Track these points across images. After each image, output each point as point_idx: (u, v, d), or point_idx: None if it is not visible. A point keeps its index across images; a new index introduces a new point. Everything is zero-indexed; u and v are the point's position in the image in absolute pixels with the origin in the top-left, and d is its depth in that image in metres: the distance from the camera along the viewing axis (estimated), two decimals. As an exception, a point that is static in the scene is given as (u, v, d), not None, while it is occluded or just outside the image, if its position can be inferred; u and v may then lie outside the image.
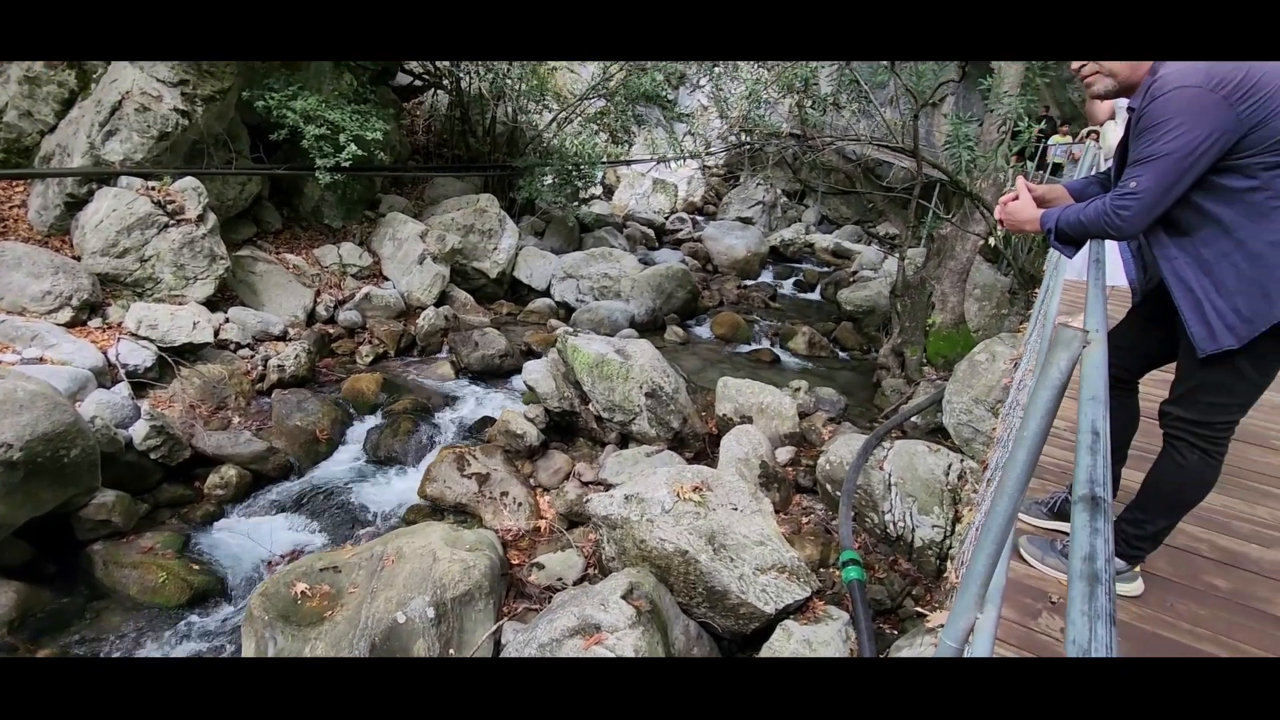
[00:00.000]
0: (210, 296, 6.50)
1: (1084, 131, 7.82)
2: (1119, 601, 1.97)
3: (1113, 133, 3.73)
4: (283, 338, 6.80)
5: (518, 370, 7.15)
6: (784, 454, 5.93)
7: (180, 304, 6.20)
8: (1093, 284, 1.66)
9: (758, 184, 14.82)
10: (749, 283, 12.09)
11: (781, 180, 15.27)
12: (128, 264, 6.11)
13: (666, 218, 15.37)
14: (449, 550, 3.80)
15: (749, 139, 8.86)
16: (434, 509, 5.09)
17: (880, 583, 4.46)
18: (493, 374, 7.39)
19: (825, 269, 13.25)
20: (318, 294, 7.71)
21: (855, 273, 12.42)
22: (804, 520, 5.22)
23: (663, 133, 10.90)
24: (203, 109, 6.74)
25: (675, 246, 13.57)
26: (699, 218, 16.00)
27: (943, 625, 1.23)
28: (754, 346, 9.17)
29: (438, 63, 10.40)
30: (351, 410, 6.21)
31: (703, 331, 9.63)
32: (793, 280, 12.60)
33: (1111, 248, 2.84)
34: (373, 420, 6.16)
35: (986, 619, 1.12)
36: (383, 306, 7.99)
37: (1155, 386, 2.19)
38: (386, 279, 8.60)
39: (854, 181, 11.26)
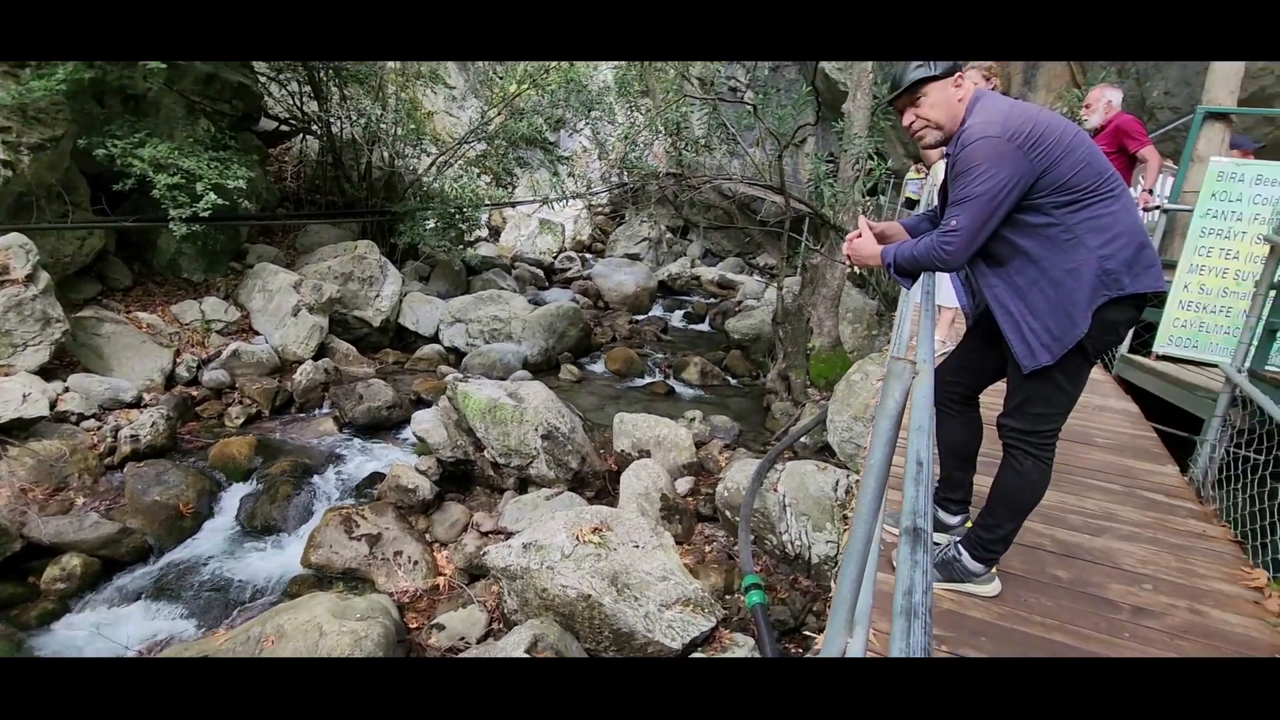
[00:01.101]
0: (45, 364, 5.81)
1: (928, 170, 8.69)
2: (981, 602, 2.16)
3: (940, 172, 4.18)
4: (136, 404, 6.18)
5: (407, 421, 6.86)
6: (684, 485, 6.03)
7: (6, 375, 5.49)
8: (923, 315, 1.84)
9: (642, 221, 15.24)
10: (640, 317, 12.32)
11: (665, 217, 15.79)
12: (-62, 334, 5.36)
13: (555, 257, 15.44)
14: (337, 622, 3.55)
15: (630, 179, 9.13)
16: (320, 578, 4.74)
17: (783, 603, 4.60)
18: (380, 427, 7.05)
19: (712, 300, 13.75)
20: (177, 354, 7.09)
21: (740, 302, 12.97)
22: (707, 549, 5.31)
23: (545, 174, 11.02)
24: (30, 158, 6.11)
25: (565, 285, 13.63)
26: (588, 256, 16.19)
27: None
28: (648, 380, 9.32)
29: (305, 107, 10.01)
30: (220, 478, 5.71)
31: (597, 368, 9.67)
32: (682, 312, 12.97)
33: (944, 277, 3.16)
34: (246, 487, 5.68)
35: (856, 641, 1.19)
36: (254, 363, 7.46)
37: (997, 398, 2.44)
38: (257, 333, 8.04)
39: (731, 217, 11.86)
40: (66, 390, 5.79)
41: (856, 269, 7.46)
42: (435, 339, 9.66)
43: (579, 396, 8.38)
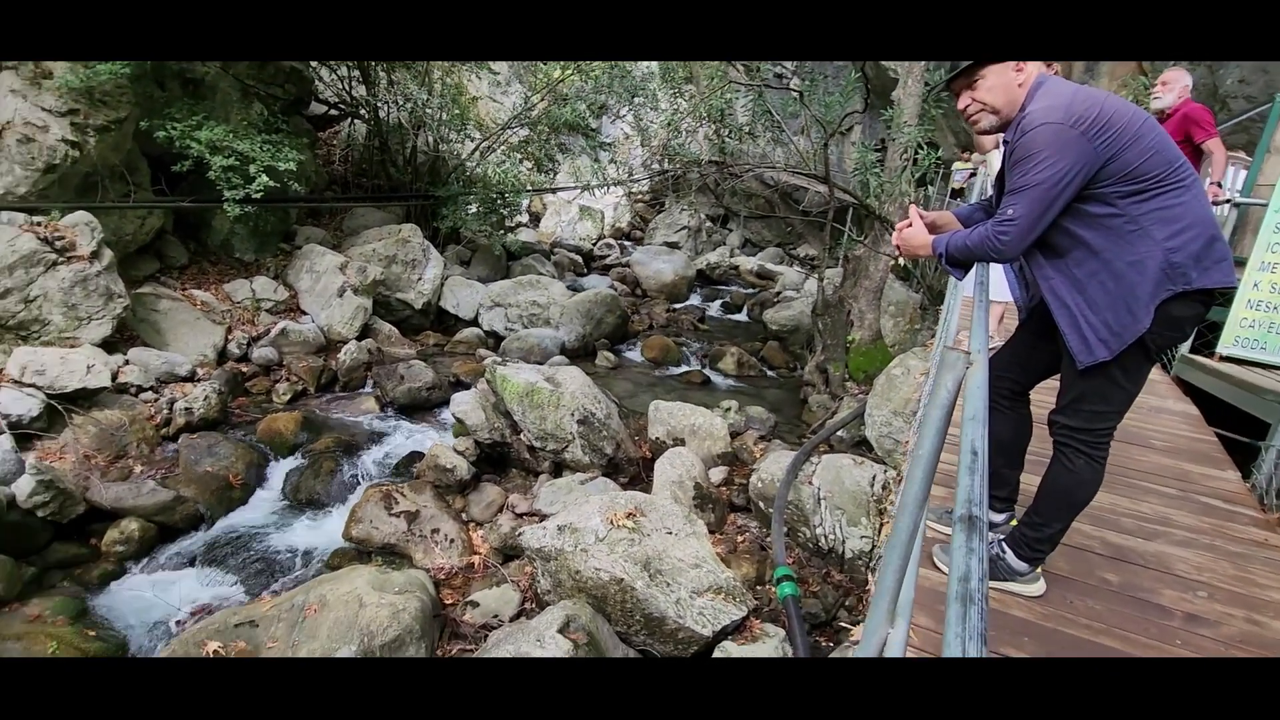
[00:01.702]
0: (107, 338, 6.07)
1: (979, 159, 8.42)
2: (1025, 602, 2.10)
3: (997, 161, 4.06)
4: (190, 379, 6.42)
5: (446, 402, 6.99)
6: (717, 474, 6.01)
7: (73, 346, 5.76)
8: (977, 306, 1.79)
9: (682, 209, 15.16)
10: (677, 306, 12.28)
11: (705, 205, 15.67)
12: (9, 305, 5.64)
13: (594, 244, 15.46)
14: (376, 595, 3.65)
15: (671, 166, 9.07)
16: (360, 552, 4.88)
17: (815, 596, 4.56)
18: (420, 407, 7.19)
19: (750, 290, 13.62)
20: (229, 331, 7.33)
21: (779, 293, 12.82)
22: (739, 539, 5.29)
23: (587, 160, 11.02)
24: (95, 139, 6.36)
25: (604, 272, 13.65)
26: (626, 243, 16.18)
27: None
28: (684, 369, 9.30)
29: (354, 92, 10.19)
30: (268, 452, 5.90)
31: (633, 356, 9.69)
32: (720, 302, 12.88)
33: (997, 268, 3.05)
34: (292, 462, 5.87)
35: (897, 632, 1.18)
36: (301, 342, 7.67)
37: (1048, 395, 2.36)
38: (304, 313, 8.27)
39: (773, 206, 11.69)
40: (127, 363, 6.04)
41: (902, 261, 7.28)
42: (475, 322, 9.80)
43: (615, 383, 8.41)
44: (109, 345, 6.08)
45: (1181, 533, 2.58)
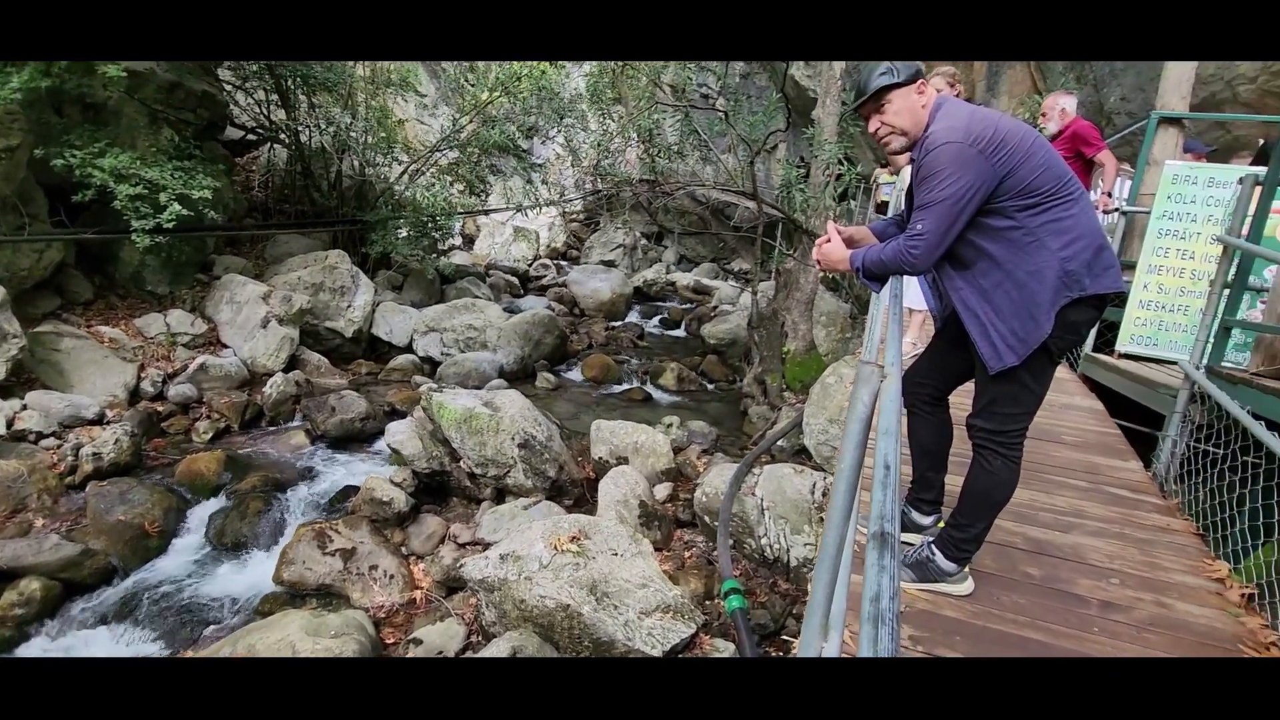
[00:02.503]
0: (2, 381, 5.63)
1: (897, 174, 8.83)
2: (955, 601, 2.18)
3: (907, 176, 4.27)
4: (99, 421, 6.01)
5: (381, 433, 6.76)
6: (662, 491, 6.02)
7: (-40, 394, 5.31)
8: (891, 319, 1.86)
9: (617, 228, 15.27)
10: (616, 324, 12.32)
11: (639, 223, 15.82)
12: (-114, 352, 5.16)
13: (530, 264, 15.38)
14: (310, 640, 3.48)
15: (603, 185, 9.15)
16: (293, 595, 4.64)
17: (763, 606, 4.61)
18: (353, 439, 6.94)
19: (688, 305, 13.80)
20: (142, 369, 6.91)
21: (715, 307, 13.04)
22: (686, 555, 5.31)
23: (519, 182, 10.98)
24: (-16, 170, 5.92)
25: (541, 293, 13.58)
26: (563, 263, 16.16)
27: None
28: (625, 386, 9.31)
29: (272, 116, 9.86)
30: (189, 495, 5.56)
31: (574, 376, 9.65)
32: (658, 318, 13.00)
33: (912, 280, 3.20)
34: (215, 504, 5.55)
35: (831, 646, 1.20)
36: (222, 377, 7.30)
37: (967, 398, 2.48)
38: (225, 346, 7.88)
39: (706, 222, 11.94)
40: (24, 408, 5.61)
41: (828, 273, 7.54)
42: (409, 349, 9.56)
43: (556, 404, 8.35)
44: (3, 390, 5.64)
45: (1094, 523, 2.74)
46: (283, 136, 10.07)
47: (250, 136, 10.67)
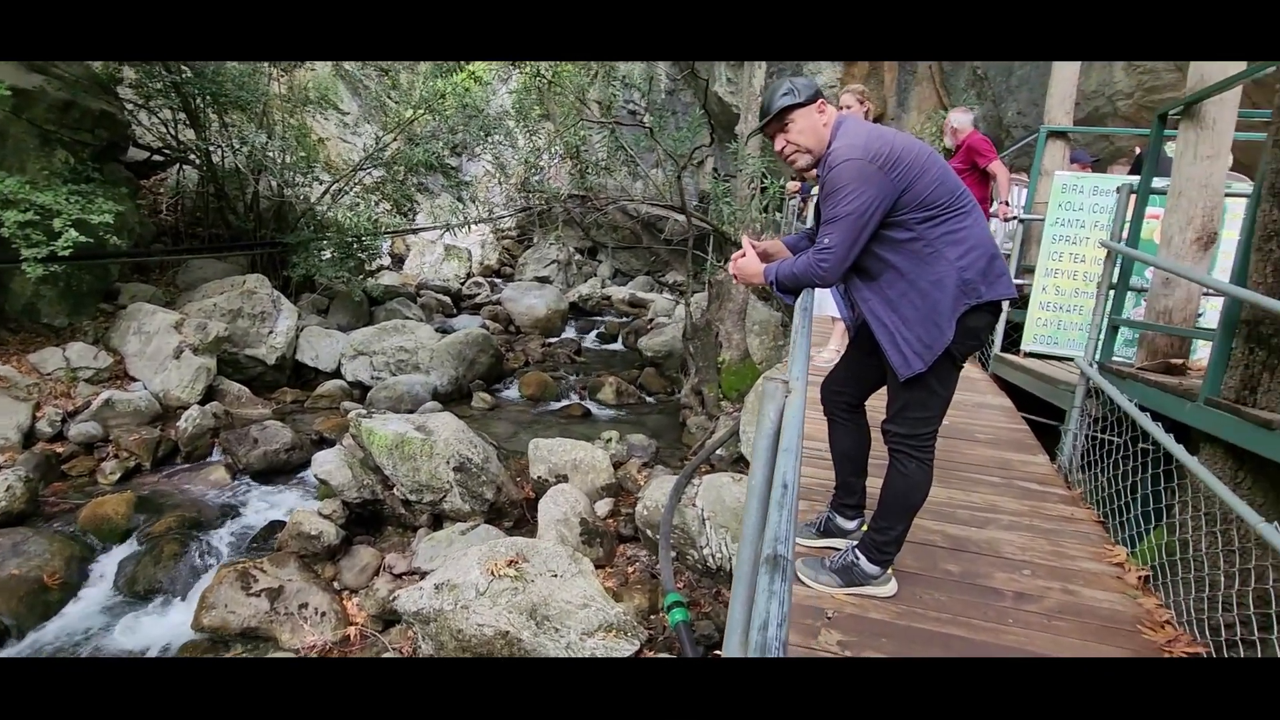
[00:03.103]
0: None
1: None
2: (880, 603, 2.26)
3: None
4: (-12, 468, 5.53)
5: (307, 463, 6.50)
6: (603, 507, 6.00)
7: None
8: (798, 333, 1.92)
9: (550, 244, 15.22)
10: (553, 340, 12.25)
11: (573, 239, 15.83)
12: None
13: (463, 283, 15.13)
14: (232, 691, 3.28)
15: (533, 202, 9.13)
16: (215, 641, 4.38)
17: (707, 617, 4.64)
18: (278, 472, 6.63)
19: (624, 319, 13.86)
20: (37, 408, 6.42)
21: (652, 320, 13.14)
22: (630, 570, 5.29)
23: (448, 200, 10.80)
24: None
25: (474, 311, 13.37)
26: (496, 280, 15.96)
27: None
28: (564, 403, 9.25)
29: (180, 135, 9.40)
30: (94, 542, 5.19)
31: (511, 394, 9.52)
32: (595, 333, 13.00)
33: (824, 291, 3.32)
34: (126, 549, 5.19)
35: (751, 659, 1.22)
36: (130, 412, 6.86)
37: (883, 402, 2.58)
38: (134, 379, 7.42)
39: (638, 236, 12.04)
40: (-101, 458, 5.12)
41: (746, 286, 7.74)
42: (337, 374, 9.22)
43: (493, 425, 8.21)
44: (-126, 439, 5.13)
45: (1008, 517, 2.89)
46: (192, 157, 9.60)
47: (156, 158, 10.12)
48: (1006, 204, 4.63)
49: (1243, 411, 2.15)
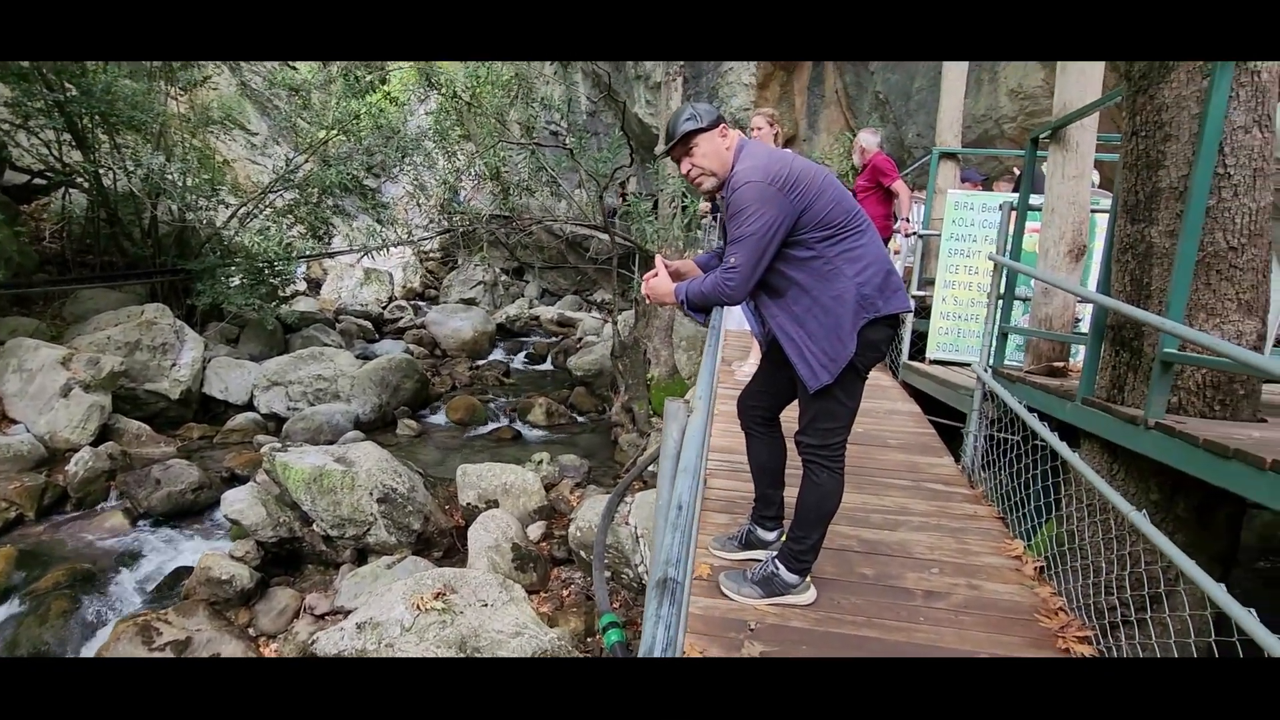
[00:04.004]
0: None
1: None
2: (801, 611, 2.33)
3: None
4: None
5: (217, 503, 6.11)
6: (535, 530, 5.92)
7: None
8: (706, 352, 1.97)
9: (475, 265, 15.01)
10: (480, 362, 12.04)
11: (499, 259, 15.66)
12: None
13: (385, 307, 14.70)
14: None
15: (455, 223, 9.01)
16: (111, 705, 4.04)
17: (642, 635, 4.63)
18: (184, 514, 6.20)
19: (553, 339, 13.77)
20: (-102, 459, 5.79)
21: (580, 339, 13.11)
22: (565, 593, 5.24)
23: (367, 222, 10.50)
24: None
25: (398, 335, 12.99)
26: (420, 303, 15.58)
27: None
28: (493, 426, 9.10)
29: (65, 157, 8.77)
30: (-34, 606, 4.71)
31: (438, 420, 9.29)
32: (523, 354, 12.85)
33: (731, 309, 3.43)
34: (6, 610, 4.73)
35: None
36: (10, 458, 6.29)
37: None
38: (14, 421, 6.80)
39: (564, 256, 12.05)
40: None
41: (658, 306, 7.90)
42: (250, 406, 8.75)
43: (420, 451, 7.98)
44: None
45: (917, 519, 3.04)
46: (80, 180, 8.96)
47: (38, 181, 9.40)
48: (908, 220, 4.92)
49: (1113, 409, 2.35)
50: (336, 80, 10.25)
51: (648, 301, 2.22)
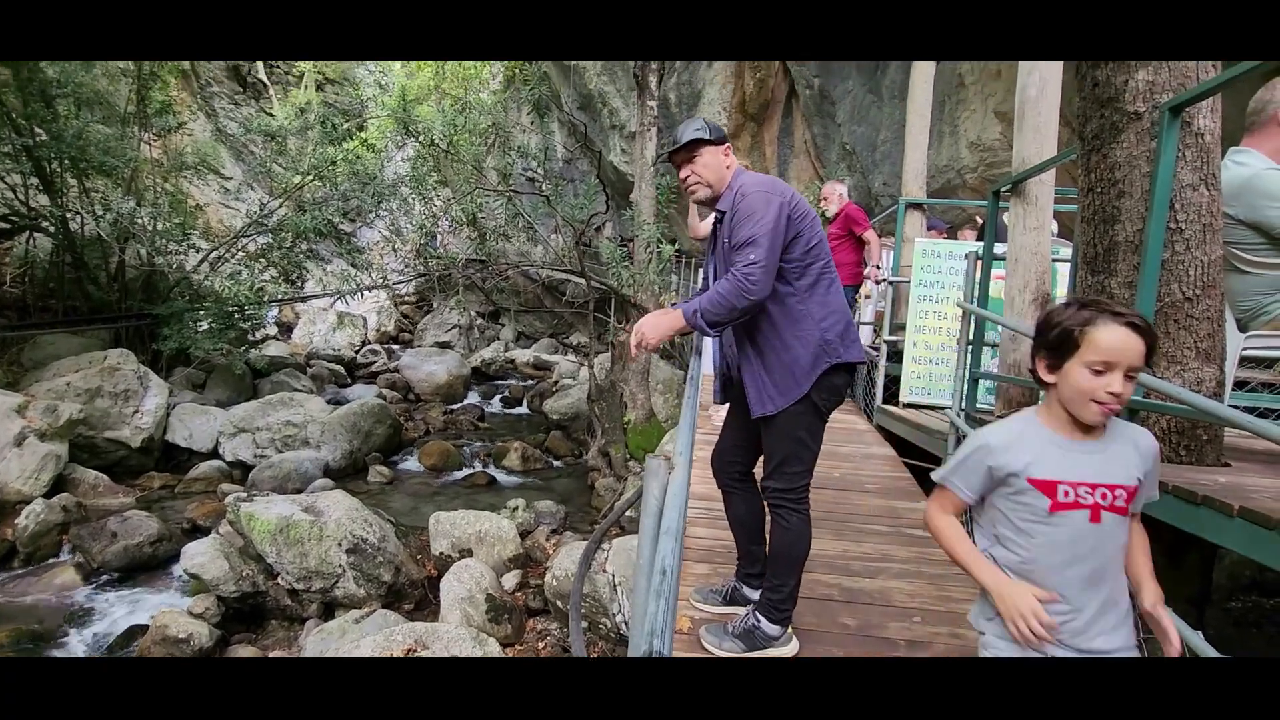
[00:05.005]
0: None
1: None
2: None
3: (705, 228, 4.66)
4: None
5: (177, 556, 5.88)
6: (510, 580, 5.78)
7: None
8: (686, 403, 1.97)
9: (451, 308, 14.97)
10: (455, 406, 11.90)
11: (474, 303, 15.64)
12: None
13: (358, 351, 14.53)
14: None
15: (431, 267, 9.01)
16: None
17: (619, 689, 4.50)
18: (142, 568, 5.96)
19: (529, 382, 13.70)
20: None
21: (556, 382, 13.06)
22: (540, 645, 5.09)
23: (341, 265, 10.44)
24: None
25: (370, 380, 12.83)
26: (394, 347, 15.45)
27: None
28: (467, 471, 8.95)
29: (31, 201, 8.64)
30: (-100, 673, 4.40)
31: (411, 466, 9.11)
32: (499, 397, 12.75)
33: (707, 353, 3.45)
34: (-58, 678, 4.44)
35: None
36: (-44, 512, 6.00)
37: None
38: (-37, 474, 6.51)
39: (540, 299, 12.09)
40: None
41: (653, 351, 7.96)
42: (215, 454, 8.51)
43: (391, 499, 7.80)
44: None
45: (898, 565, 3.03)
46: (46, 224, 8.81)
47: (1, 225, 9.22)
48: (878, 267, 5.05)
49: (1083, 455, 2.39)
50: (314, 127, 10.32)
51: (641, 348, 2.21)
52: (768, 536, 2.32)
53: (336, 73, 16.39)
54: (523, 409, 12.31)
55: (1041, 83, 3.26)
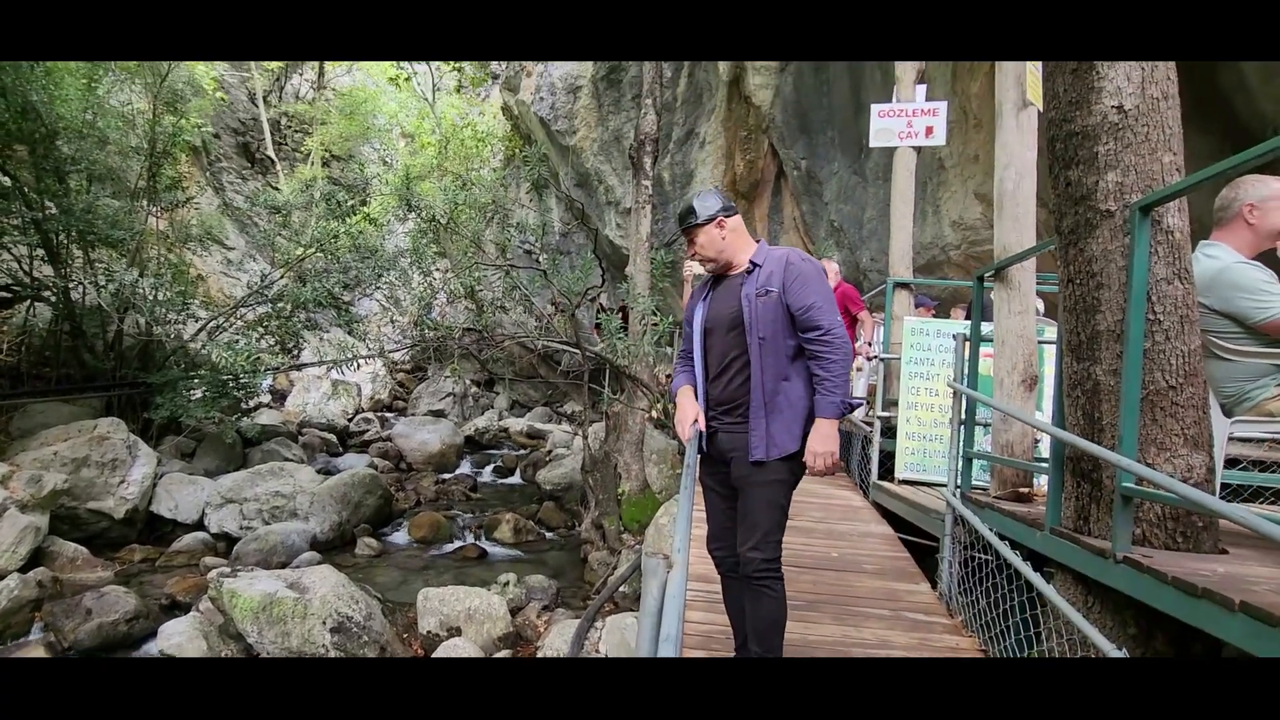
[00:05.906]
0: None
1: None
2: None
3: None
4: None
5: (153, 635, 5.67)
6: (499, 662, 5.58)
7: None
8: (684, 494, 1.98)
9: (446, 377, 15.01)
10: (447, 476, 11.76)
11: (469, 371, 15.71)
12: None
13: (350, 419, 14.45)
14: None
15: (428, 337, 9.11)
16: None
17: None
18: (117, 647, 5.72)
19: (522, 452, 13.59)
20: None
21: (550, 452, 12.97)
22: (528, 734, 4.87)
23: (338, 334, 10.53)
24: None
25: (362, 449, 12.70)
26: (388, 415, 15.37)
27: None
28: (458, 544, 8.76)
29: (35, 272, 8.76)
30: None
31: (399, 538, 8.92)
32: (491, 467, 12.62)
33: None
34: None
35: None
36: (-72, 589, 5.80)
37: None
38: (-62, 547, 6.33)
39: (535, 369, 12.16)
40: None
41: (653, 414, 7.96)
42: (200, 525, 8.32)
43: (379, 573, 7.60)
44: None
45: (899, 652, 2.96)
46: (47, 294, 8.91)
47: (3, 294, 9.31)
48: (869, 344, 5.14)
49: (1081, 541, 2.40)
50: (319, 202, 10.62)
51: (834, 467, 2.26)
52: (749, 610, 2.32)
53: (342, 150, 16.97)
54: (516, 479, 12.17)
55: (1018, 176, 3.43)
